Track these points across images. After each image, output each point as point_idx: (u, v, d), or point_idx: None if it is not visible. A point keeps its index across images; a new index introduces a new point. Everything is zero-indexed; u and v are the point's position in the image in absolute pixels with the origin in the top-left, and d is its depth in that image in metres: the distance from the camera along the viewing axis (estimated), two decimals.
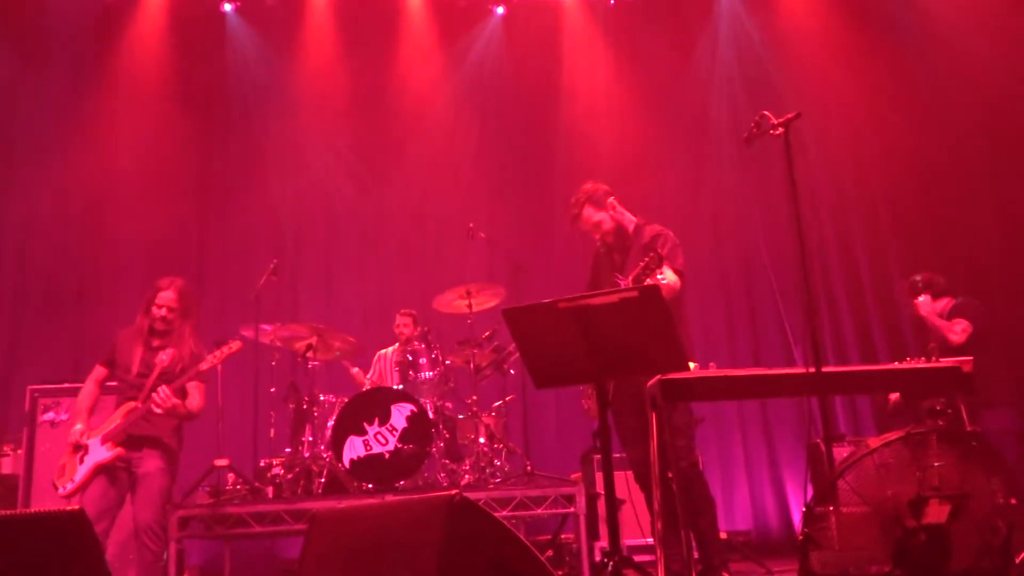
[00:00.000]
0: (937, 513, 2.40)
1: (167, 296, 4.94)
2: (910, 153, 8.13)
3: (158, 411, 4.69)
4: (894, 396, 6.30)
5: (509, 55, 8.88)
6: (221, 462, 6.05)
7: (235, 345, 4.96)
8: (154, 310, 4.92)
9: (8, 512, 2.50)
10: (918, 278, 6.36)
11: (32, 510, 4.59)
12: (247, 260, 7.92)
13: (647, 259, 3.88)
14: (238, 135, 8.48)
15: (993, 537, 2.48)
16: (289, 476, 5.82)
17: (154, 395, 4.69)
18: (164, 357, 4.86)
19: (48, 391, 5.83)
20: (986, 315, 6.14)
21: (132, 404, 4.77)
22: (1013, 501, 2.52)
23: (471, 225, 6.72)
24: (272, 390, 6.39)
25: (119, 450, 4.72)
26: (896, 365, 3.81)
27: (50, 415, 5.75)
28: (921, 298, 6.25)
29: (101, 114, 8.23)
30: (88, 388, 4.98)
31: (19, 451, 5.88)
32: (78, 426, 4.79)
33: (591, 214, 4.55)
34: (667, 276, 4.20)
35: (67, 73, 8.28)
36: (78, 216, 7.97)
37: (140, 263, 7.79)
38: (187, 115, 8.34)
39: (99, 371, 5.01)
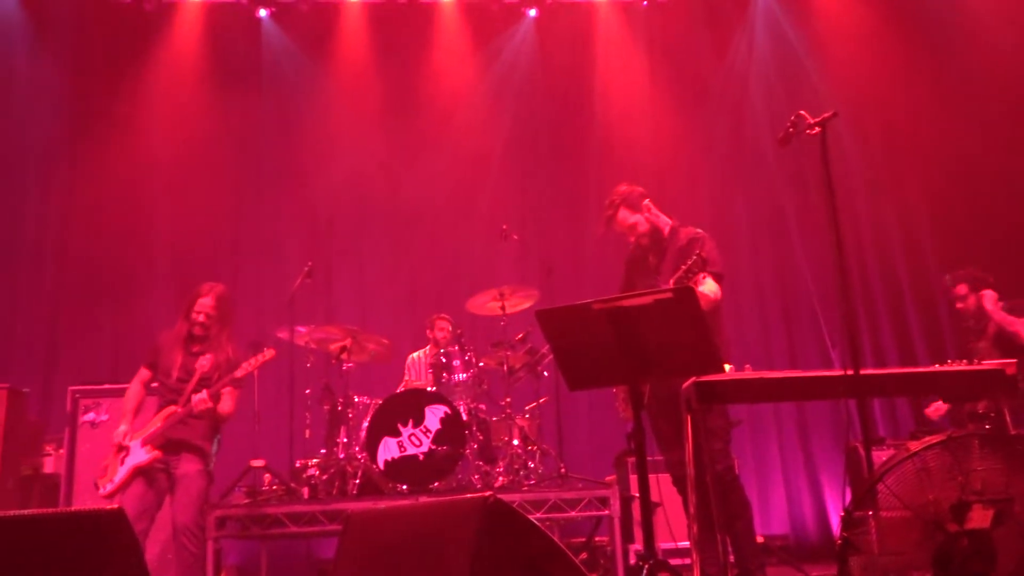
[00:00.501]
0: (980, 518, 2.35)
1: (205, 303, 5.01)
2: (948, 152, 8.01)
3: (196, 412, 4.76)
4: (936, 410, 6.12)
5: (542, 57, 8.88)
6: (257, 463, 6.10)
7: (268, 353, 5.01)
8: (193, 315, 4.99)
9: (50, 510, 2.54)
10: (964, 272, 6.17)
11: (73, 509, 4.68)
12: (281, 262, 8.00)
13: (690, 262, 3.85)
14: (272, 139, 8.56)
15: None
16: (324, 477, 5.85)
17: (193, 398, 4.76)
18: (204, 363, 4.93)
19: (89, 392, 5.92)
20: None
21: (172, 408, 4.85)
22: None
23: (504, 227, 6.72)
24: (307, 392, 6.43)
25: (157, 453, 4.79)
26: (937, 368, 3.75)
27: (91, 416, 5.83)
28: (987, 292, 5.99)
29: (138, 117, 8.35)
30: (134, 389, 5.06)
31: (60, 451, 5.98)
32: (122, 427, 4.88)
33: (626, 216, 4.53)
34: (708, 286, 4.17)
35: (105, 77, 8.39)
36: (115, 218, 8.08)
37: (176, 265, 7.89)
38: (222, 119, 8.45)
39: (144, 373, 5.10)
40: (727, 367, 3.77)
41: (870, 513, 2.51)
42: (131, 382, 5.10)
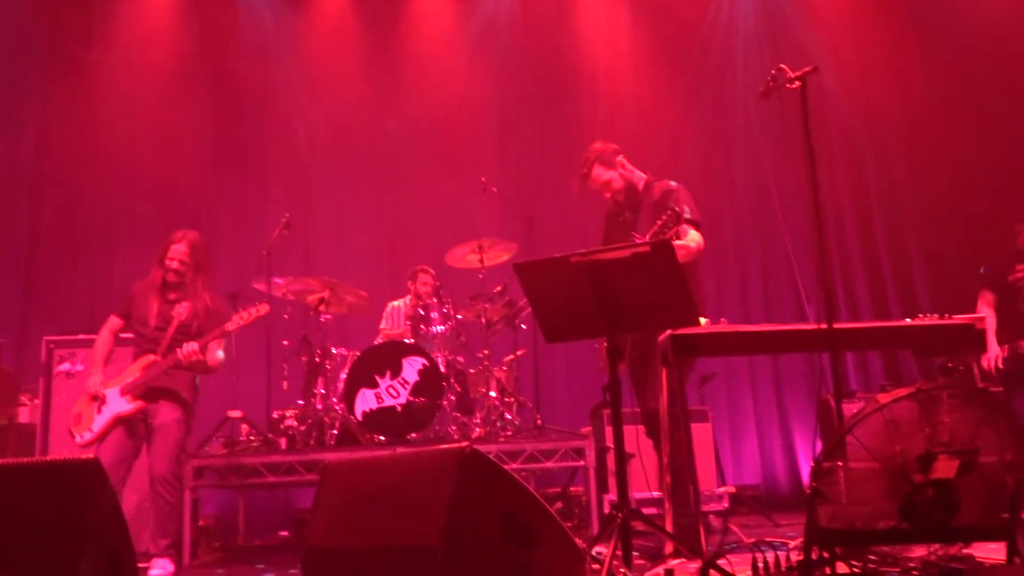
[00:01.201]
0: (945, 468, 2.41)
1: (179, 249, 4.96)
2: (929, 110, 8.03)
3: (183, 363, 4.74)
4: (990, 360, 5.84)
5: (524, 8, 8.75)
6: (235, 413, 6.12)
7: (262, 309, 4.96)
8: (166, 262, 4.95)
9: (26, 460, 2.54)
10: None
11: (49, 458, 4.67)
12: (260, 213, 7.92)
13: (665, 217, 3.86)
14: (252, 90, 8.43)
15: (1001, 493, 2.49)
16: (302, 428, 5.88)
17: (179, 350, 4.73)
18: (181, 311, 4.90)
19: (64, 342, 5.88)
20: None
21: (152, 358, 4.82)
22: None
23: (483, 180, 6.69)
24: (285, 343, 6.43)
25: (140, 403, 4.78)
26: (909, 322, 3.80)
27: (66, 366, 5.80)
28: None
29: (114, 60, 8.19)
30: (104, 338, 5.02)
31: (36, 401, 5.95)
32: (96, 376, 4.85)
33: (600, 173, 4.54)
34: (691, 236, 4.19)
35: (80, 17, 8.22)
36: (92, 164, 7.97)
37: (154, 214, 7.79)
38: (201, 69, 8.31)
39: (114, 321, 5.06)
40: (703, 320, 3.80)
41: (839, 464, 2.56)
42: (100, 331, 5.06)
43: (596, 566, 3.13)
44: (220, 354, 4.97)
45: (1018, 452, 2.56)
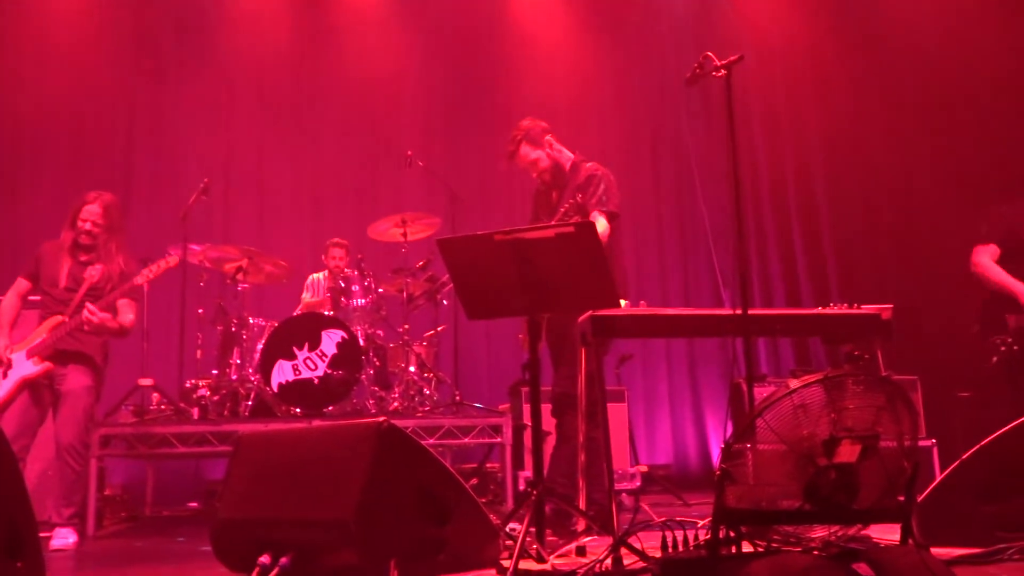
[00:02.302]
0: (848, 453, 2.49)
1: (92, 210, 4.80)
2: (847, 102, 8.24)
3: (87, 327, 4.58)
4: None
5: None
6: (145, 381, 5.96)
7: (172, 259, 4.84)
8: (79, 223, 4.78)
9: None
10: None
11: None
12: (177, 178, 7.70)
13: (567, 206, 3.89)
14: (171, 49, 8.15)
15: (899, 477, 2.60)
16: (215, 398, 5.78)
17: (84, 311, 4.57)
18: (93, 273, 4.74)
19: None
20: None
21: (59, 319, 4.66)
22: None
23: (409, 153, 6.63)
24: (200, 311, 6.29)
25: (48, 365, 4.62)
26: (820, 310, 3.92)
27: None
28: None
29: (25, 9, 7.82)
30: (9, 301, 4.83)
31: None
32: (0, 340, 4.66)
33: (528, 152, 4.52)
34: (598, 224, 4.22)
35: None
36: None
37: (63, 172, 7.51)
38: (118, 18, 7.99)
39: (21, 284, 4.86)
40: (623, 302, 3.85)
41: (748, 446, 2.63)
42: (7, 294, 4.87)
43: (510, 542, 3.16)
44: (130, 316, 4.82)
45: (915, 438, 2.67)
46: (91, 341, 4.74)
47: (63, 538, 4.49)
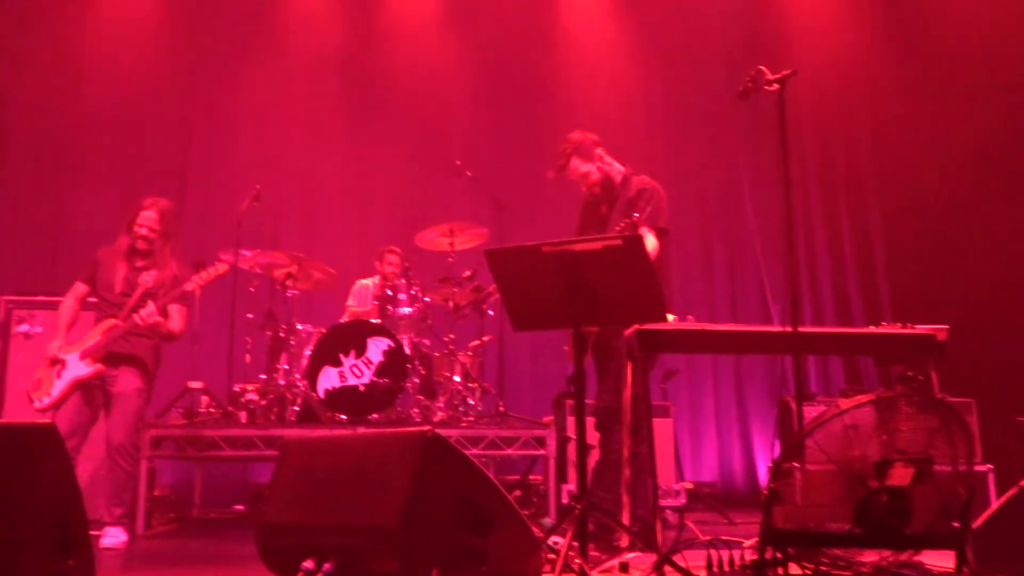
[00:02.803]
0: (901, 476, 2.44)
1: (148, 216, 4.89)
2: (900, 116, 8.11)
3: (141, 326, 4.67)
4: None
5: None
6: (195, 384, 6.05)
7: (221, 267, 4.91)
8: (136, 229, 4.87)
9: None
10: None
11: (3, 421, 4.59)
12: (230, 184, 7.80)
13: (623, 225, 3.86)
14: (226, 58, 8.29)
15: (954, 502, 2.53)
16: (263, 402, 5.84)
17: (137, 313, 4.66)
18: (147, 278, 4.83)
19: (23, 303, 5.77)
20: None
21: (112, 321, 4.75)
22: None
23: (458, 163, 6.66)
24: (249, 316, 6.37)
25: (99, 366, 4.70)
26: (872, 329, 3.85)
27: (24, 327, 5.70)
28: None
29: (86, 19, 8.03)
30: (68, 303, 4.93)
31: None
32: (57, 341, 4.77)
33: (578, 165, 4.51)
34: (648, 242, 4.19)
35: None
36: (57, 124, 7.80)
37: (120, 178, 7.67)
38: (176, 32, 8.17)
39: (80, 288, 4.97)
40: (670, 317, 3.82)
41: (797, 465, 2.59)
42: (65, 296, 4.98)
43: (552, 556, 3.14)
44: (179, 321, 4.90)
45: (970, 463, 2.60)
46: (143, 344, 4.82)
47: (113, 537, 4.56)
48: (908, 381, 4.84)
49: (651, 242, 4.16)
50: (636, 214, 3.97)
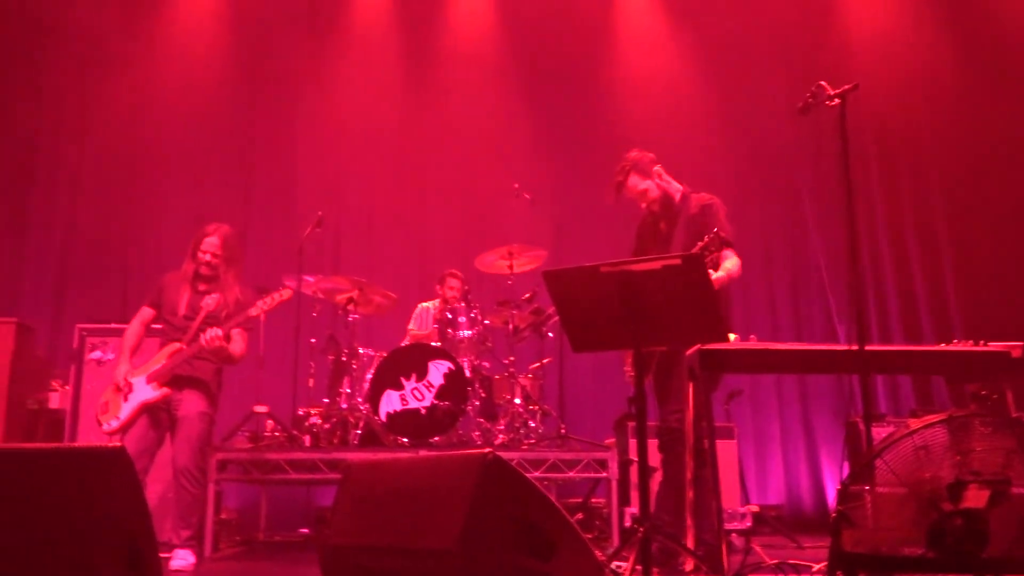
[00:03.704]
0: (976, 498, 2.36)
1: (212, 242, 5.00)
2: (966, 130, 7.91)
3: (205, 349, 4.77)
4: None
5: (560, 11, 8.74)
6: (260, 408, 6.15)
7: (285, 293, 4.99)
8: (199, 255, 4.99)
9: (53, 445, 2.56)
10: None
11: (76, 444, 4.73)
12: (292, 211, 7.99)
13: (708, 239, 3.82)
14: (286, 85, 8.49)
15: None
16: (326, 426, 5.90)
17: (202, 336, 4.77)
18: (210, 302, 4.93)
19: (96, 330, 5.95)
20: None
21: (177, 345, 4.86)
22: None
23: (516, 186, 6.69)
24: (312, 341, 6.46)
25: (166, 390, 4.81)
26: (943, 346, 3.74)
27: (97, 354, 5.87)
28: None
29: (153, 60, 8.29)
30: (134, 328, 5.06)
31: (66, 387, 6.02)
32: (123, 366, 4.89)
33: (636, 183, 4.48)
34: (731, 261, 4.15)
35: (122, 10, 8.33)
36: (127, 158, 8.08)
37: (186, 208, 7.87)
38: (236, 64, 8.39)
39: (146, 312, 5.10)
40: (731, 336, 3.77)
41: (866, 488, 2.52)
42: (131, 321, 5.11)
43: None
44: (241, 346, 4.98)
45: None
46: (206, 368, 4.92)
47: (183, 559, 4.64)
48: (982, 400, 4.70)
49: (735, 262, 4.13)
50: (715, 229, 3.92)
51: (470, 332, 6.12)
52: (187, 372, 4.86)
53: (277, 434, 6.05)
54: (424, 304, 7.05)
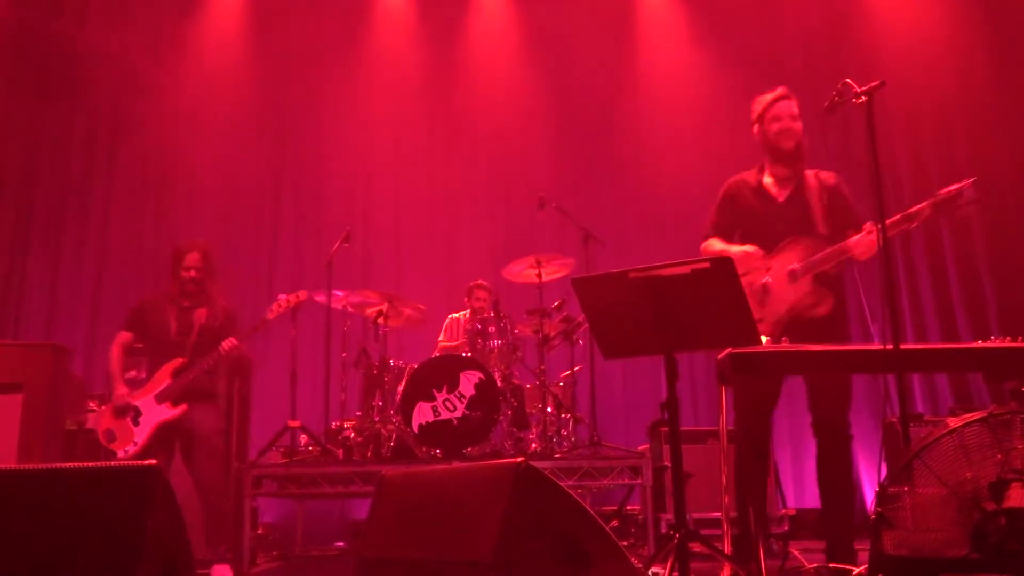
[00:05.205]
0: (1020, 497, 2.31)
1: (192, 258, 5.08)
2: (998, 124, 7.79)
3: (224, 355, 4.83)
4: None
5: (583, 20, 8.75)
6: (294, 423, 6.18)
7: (301, 295, 5.04)
8: (182, 273, 5.05)
9: (93, 464, 2.59)
10: None
11: (112, 463, 4.75)
12: (319, 227, 8.05)
13: (903, 214, 3.83)
14: (312, 104, 8.57)
15: None
16: (359, 439, 5.92)
17: (221, 345, 4.84)
18: (200, 315, 5.00)
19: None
20: None
21: (178, 362, 4.89)
22: None
23: (542, 195, 6.69)
24: (344, 355, 6.49)
25: (183, 406, 4.84)
26: (979, 344, 3.68)
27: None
28: None
29: (181, 81, 8.40)
30: (116, 353, 5.13)
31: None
32: (120, 390, 4.93)
33: (796, 109, 4.49)
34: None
35: (148, 30, 8.47)
36: (156, 182, 8.21)
37: (215, 226, 7.96)
38: (262, 81, 8.48)
39: (124, 336, 5.17)
40: (764, 339, 3.73)
41: (906, 489, 2.48)
42: (112, 347, 5.16)
43: None
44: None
45: None
46: (220, 381, 4.98)
47: (221, 574, 4.67)
48: (1022, 397, 4.61)
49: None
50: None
51: (500, 342, 6.12)
52: (204, 386, 4.90)
53: (311, 448, 6.08)
54: (453, 315, 7.07)
